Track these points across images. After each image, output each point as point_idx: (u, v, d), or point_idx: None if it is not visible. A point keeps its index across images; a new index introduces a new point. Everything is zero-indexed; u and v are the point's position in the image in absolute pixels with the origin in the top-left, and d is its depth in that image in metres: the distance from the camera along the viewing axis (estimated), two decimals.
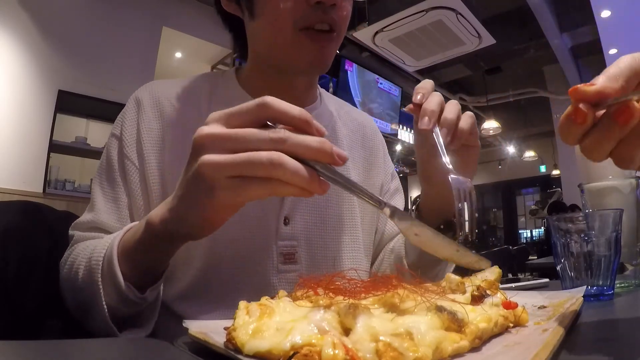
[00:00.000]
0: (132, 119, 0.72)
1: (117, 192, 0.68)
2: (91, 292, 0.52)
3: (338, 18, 0.67)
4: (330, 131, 0.82)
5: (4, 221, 0.63)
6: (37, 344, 0.32)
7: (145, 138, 0.70)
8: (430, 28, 4.39)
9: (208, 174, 0.38)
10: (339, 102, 0.92)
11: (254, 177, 0.37)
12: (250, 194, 0.38)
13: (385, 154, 0.93)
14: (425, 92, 0.59)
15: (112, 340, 0.35)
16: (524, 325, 0.38)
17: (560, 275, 0.60)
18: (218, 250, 0.67)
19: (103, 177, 0.70)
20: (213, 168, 0.38)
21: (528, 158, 7.99)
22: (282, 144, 0.37)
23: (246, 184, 0.38)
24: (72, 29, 3.60)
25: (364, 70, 5.15)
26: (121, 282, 0.50)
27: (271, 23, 0.66)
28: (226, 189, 0.38)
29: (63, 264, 0.62)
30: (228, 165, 0.38)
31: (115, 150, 0.71)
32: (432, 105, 0.57)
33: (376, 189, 0.87)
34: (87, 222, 0.67)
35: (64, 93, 3.49)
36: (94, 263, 0.53)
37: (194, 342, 0.34)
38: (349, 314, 0.30)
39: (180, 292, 0.67)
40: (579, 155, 0.74)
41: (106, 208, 0.67)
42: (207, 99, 0.75)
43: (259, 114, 0.39)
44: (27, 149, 3.32)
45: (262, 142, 0.37)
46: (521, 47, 5.39)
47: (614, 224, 0.56)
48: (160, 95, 0.73)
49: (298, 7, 0.64)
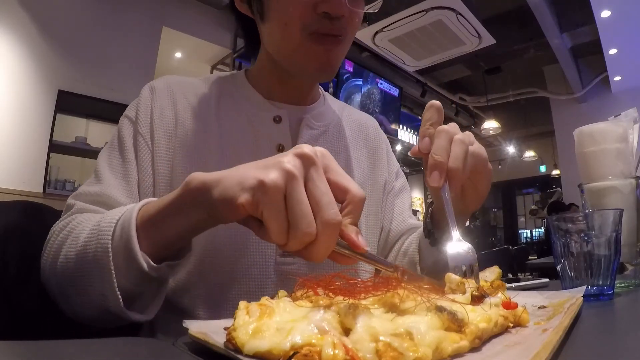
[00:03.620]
0: (146, 104, 0.73)
1: (127, 169, 0.67)
2: (94, 258, 0.48)
3: (347, 27, 0.68)
4: (334, 128, 0.84)
5: (4, 221, 0.63)
6: (37, 344, 0.32)
7: (157, 123, 0.71)
8: (430, 28, 4.38)
9: (286, 168, 0.38)
10: (341, 103, 0.94)
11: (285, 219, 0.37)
12: (266, 216, 0.38)
13: (388, 153, 0.93)
14: (432, 131, 0.56)
15: (112, 340, 0.35)
16: (525, 326, 0.38)
17: (560, 275, 0.60)
18: (217, 240, 0.67)
19: (113, 155, 0.69)
20: (278, 187, 0.37)
21: (528, 158, 7.99)
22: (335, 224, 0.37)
23: (274, 213, 0.37)
24: (72, 29, 3.59)
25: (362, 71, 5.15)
26: (136, 248, 0.45)
27: (280, 27, 0.67)
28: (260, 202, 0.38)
29: (58, 231, 0.57)
30: (288, 197, 0.37)
31: (128, 130, 0.71)
32: (440, 155, 0.53)
33: (379, 187, 0.87)
34: (93, 194, 0.63)
35: (64, 93, 3.48)
36: (104, 225, 0.49)
37: (194, 342, 0.34)
38: (349, 314, 0.30)
39: (178, 284, 0.67)
40: (579, 155, 0.74)
41: (116, 182, 0.65)
42: (217, 96, 0.77)
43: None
44: (27, 149, 3.32)
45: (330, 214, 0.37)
46: (521, 47, 5.39)
47: (614, 224, 0.56)
48: (174, 87, 0.76)
49: (306, 14, 0.65)
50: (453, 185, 0.54)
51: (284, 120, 0.76)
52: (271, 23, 0.69)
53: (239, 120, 0.75)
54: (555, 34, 4.73)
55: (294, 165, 0.38)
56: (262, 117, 0.76)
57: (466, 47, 4.82)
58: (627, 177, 0.68)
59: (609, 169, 0.70)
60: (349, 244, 0.39)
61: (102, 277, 0.47)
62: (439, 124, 0.58)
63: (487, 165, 0.60)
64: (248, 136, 0.74)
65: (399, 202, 0.90)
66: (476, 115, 7.40)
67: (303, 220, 0.36)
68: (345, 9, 0.65)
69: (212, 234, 0.66)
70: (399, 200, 0.90)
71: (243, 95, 0.78)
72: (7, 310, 0.60)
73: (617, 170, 0.69)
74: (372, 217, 0.83)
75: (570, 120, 6.00)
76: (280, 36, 0.68)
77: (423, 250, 0.76)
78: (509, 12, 4.92)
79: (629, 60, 5.10)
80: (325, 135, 0.81)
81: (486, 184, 0.62)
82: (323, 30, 0.66)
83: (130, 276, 0.47)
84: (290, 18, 0.65)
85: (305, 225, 0.36)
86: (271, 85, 0.78)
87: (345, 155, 0.83)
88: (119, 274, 0.47)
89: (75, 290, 0.51)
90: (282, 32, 0.67)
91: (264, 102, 0.77)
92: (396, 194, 0.91)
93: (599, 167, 0.71)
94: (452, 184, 0.53)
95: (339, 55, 0.71)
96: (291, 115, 0.77)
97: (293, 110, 0.78)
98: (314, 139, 0.79)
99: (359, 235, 0.39)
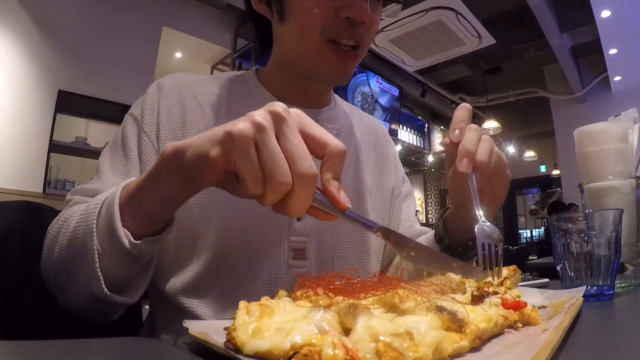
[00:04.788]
0: (153, 102, 0.72)
1: (129, 168, 0.68)
2: (82, 240, 0.49)
3: (365, 35, 0.69)
4: (346, 131, 0.85)
5: (4, 221, 0.63)
6: (37, 344, 0.32)
7: (164, 122, 0.70)
8: (430, 28, 4.38)
9: (255, 120, 0.37)
10: (350, 106, 0.95)
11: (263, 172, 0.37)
12: (239, 167, 0.37)
13: (396, 158, 0.94)
14: (463, 126, 0.58)
15: (112, 340, 0.35)
16: (535, 324, 0.38)
17: (560, 275, 0.60)
18: (228, 242, 0.67)
19: (116, 153, 0.69)
20: (246, 136, 0.37)
21: (528, 158, 7.98)
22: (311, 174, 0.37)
23: (248, 168, 0.37)
24: (72, 29, 3.59)
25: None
26: (118, 224, 0.46)
27: (300, 29, 0.68)
28: (229, 153, 0.37)
29: (54, 223, 0.58)
30: (259, 149, 0.37)
31: (132, 129, 0.71)
32: (471, 146, 0.56)
33: (387, 192, 0.88)
34: (91, 190, 0.64)
35: (64, 93, 3.48)
36: (91, 207, 0.50)
37: (194, 342, 0.34)
38: (349, 314, 0.30)
39: (187, 284, 0.67)
40: (579, 155, 0.74)
41: (115, 180, 0.65)
42: (227, 95, 0.76)
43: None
44: (27, 149, 3.32)
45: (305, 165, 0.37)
46: (521, 47, 5.39)
47: (614, 224, 0.56)
48: (182, 84, 0.75)
49: (328, 18, 0.65)
50: (479, 175, 0.57)
51: None
52: (291, 24, 0.69)
53: None
54: (555, 34, 4.73)
55: (263, 118, 0.38)
56: None
57: (466, 47, 4.82)
58: (627, 177, 0.68)
59: (609, 169, 0.70)
60: (329, 200, 0.39)
61: (87, 260, 0.48)
62: (468, 123, 0.60)
63: (506, 169, 0.62)
64: None
65: (406, 207, 0.91)
66: (476, 115, 7.40)
67: (278, 170, 0.36)
68: (367, 14, 0.66)
69: (223, 237, 0.66)
70: (405, 205, 0.91)
71: (254, 95, 0.78)
72: (7, 310, 0.60)
73: (617, 170, 0.69)
74: (379, 222, 0.83)
75: (570, 120, 6.00)
76: (299, 38, 0.69)
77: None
78: (509, 12, 4.92)
79: (629, 60, 5.10)
80: (338, 138, 0.81)
81: (504, 189, 0.63)
82: (343, 36, 0.66)
83: (114, 258, 0.48)
84: (311, 20, 0.66)
85: (280, 175, 0.36)
86: (284, 87, 0.78)
87: (355, 158, 0.83)
88: (103, 258, 0.48)
89: (67, 278, 0.52)
90: (302, 34, 0.68)
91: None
92: (403, 198, 0.91)
93: (599, 167, 0.71)
94: (478, 174, 0.57)
95: (354, 67, 0.72)
96: None
97: (305, 112, 0.78)
98: None
99: (341, 191, 0.39)
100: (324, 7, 0.65)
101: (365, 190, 0.81)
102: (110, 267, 0.49)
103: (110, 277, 0.49)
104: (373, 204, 0.82)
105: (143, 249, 0.49)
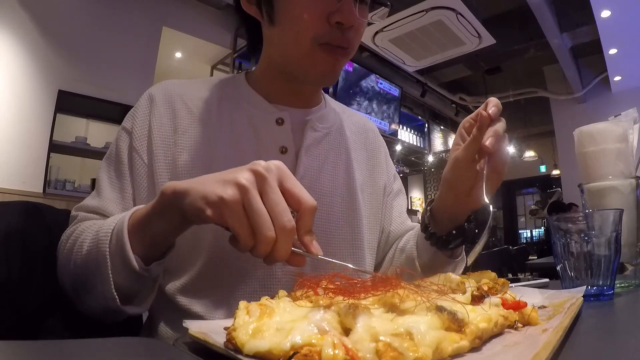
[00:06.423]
0: (144, 114, 0.73)
1: (123, 183, 0.70)
2: (96, 263, 0.54)
3: (354, 38, 0.70)
4: (337, 130, 0.85)
5: (5, 221, 0.63)
6: (37, 344, 0.32)
7: (156, 134, 0.71)
8: (430, 28, 4.38)
9: (241, 183, 0.44)
10: (341, 105, 0.95)
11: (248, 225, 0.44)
12: (231, 225, 0.44)
13: (386, 156, 0.95)
14: (497, 110, 0.62)
15: (112, 340, 0.35)
16: (535, 324, 0.38)
17: (560, 275, 0.60)
18: (224, 243, 0.67)
19: (111, 167, 0.72)
20: (236, 201, 0.44)
21: (528, 158, 7.98)
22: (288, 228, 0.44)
23: (236, 218, 0.44)
24: (72, 29, 3.59)
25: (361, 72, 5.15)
26: (129, 252, 0.52)
27: (290, 34, 0.68)
28: (222, 207, 0.44)
29: (65, 239, 0.63)
30: (250, 206, 0.44)
31: (124, 143, 0.72)
32: (500, 129, 0.61)
33: (379, 189, 0.88)
34: (93, 207, 0.68)
35: (64, 93, 3.48)
36: (102, 235, 0.55)
37: (194, 342, 0.34)
38: (349, 314, 0.30)
39: (187, 284, 0.68)
40: (579, 155, 0.74)
41: (112, 196, 0.69)
42: (218, 99, 0.77)
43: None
44: (27, 149, 3.32)
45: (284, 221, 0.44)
46: (521, 47, 5.39)
47: (614, 224, 0.56)
48: (173, 93, 0.76)
49: (319, 24, 0.66)
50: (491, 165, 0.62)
51: (287, 122, 0.76)
52: (281, 28, 0.69)
53: (241, 122, 0.75)
54: (555, 34, 4.72)
55: (247, 180, 0.44)
56: (264, 119, 0.75)
57: (466, 47, 4.82)
58: (627, 177, 0.68)
59: (609, 169, 0.70)
60: (305, 249, 0.47)
61: (102, 281, 0.54)
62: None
63: (505, 168, 0.65)
64: (251, 139, 0.74)
65: (397, 204, 0.92)
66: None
67: (264, 225, 0.43)
68: (356, 18, 0.66)
69: (219, 236, 0.67)
70: (396, 202, 0.92)
71: (244, 97, 0.78)
72: (8, 310, 0.60)
73: (617, 170, 0.69)
74: (372, 219, 0.84)
75: (570, 120, 6.00)
76: (290, 42, 0.69)
77: (420, 247, 0.77)
78: (509, 12, 4.92)
79: (629, 60, 5.09)
80: (328, 137, 0.82)
81: (496, 185, 0.66)
82: (334, 42, 0.67)
83: (125, 276, 0.54)
84: (302, 26, 0.66)
85: (266, 229, 0.43)
86: (273, 87, 0.78)
87: (346, 156, 0.83)
88: (116, 275, 0.53)
89: (84, 291, 0.58)
90: (293, 39, 0.68)
91: (266, 105, 0.77)
92: (394, 196, 0.92)
93: (599, 167, 0.71)
94: (491, 160, 0.62)
95: (343, 65, 0.73)
96: (293, 117, 0.77)
97: (295, 113, 0.78)
98: (318, 141, 0.79)
99: (313, 241, 0.47)
100: (314, 13, 0.65)
101: (357, 188, 0.81)
102: (122, 283, 0.54)
103: (123, 292, 0.55)
104: (365, 202, 0.82)
105: (153, 272, 0.56)
